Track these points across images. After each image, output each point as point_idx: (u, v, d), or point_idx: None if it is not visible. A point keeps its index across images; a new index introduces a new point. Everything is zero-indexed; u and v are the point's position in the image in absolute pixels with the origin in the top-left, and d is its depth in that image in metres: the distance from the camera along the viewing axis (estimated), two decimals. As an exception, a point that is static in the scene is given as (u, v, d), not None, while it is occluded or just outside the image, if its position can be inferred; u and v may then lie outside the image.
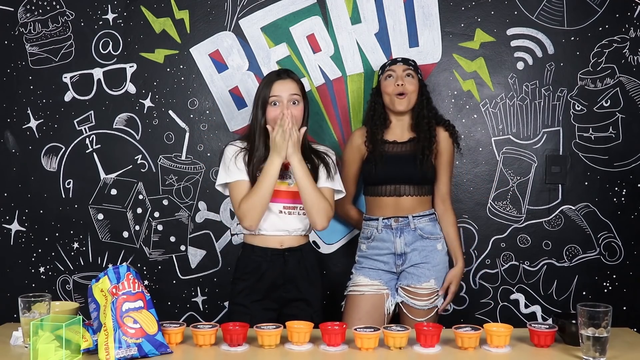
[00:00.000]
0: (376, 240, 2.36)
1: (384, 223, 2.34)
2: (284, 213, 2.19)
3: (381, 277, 2.34)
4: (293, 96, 2.17)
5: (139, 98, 2.72)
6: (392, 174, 2.34)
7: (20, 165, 2.77)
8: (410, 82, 2.35)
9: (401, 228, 2.33)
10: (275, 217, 2.18)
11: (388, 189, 2.35)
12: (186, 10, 2.69)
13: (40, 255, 2.77)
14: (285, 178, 2.20)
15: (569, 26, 2.60)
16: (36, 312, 1.78)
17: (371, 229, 2.37)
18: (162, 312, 1.82)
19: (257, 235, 2.21)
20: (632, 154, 2.61)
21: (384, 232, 2.34)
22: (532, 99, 2.62)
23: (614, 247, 2.62)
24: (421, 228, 2.34)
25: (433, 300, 2.30)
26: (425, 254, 2.32)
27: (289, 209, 2.20)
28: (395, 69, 2.37)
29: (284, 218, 2.19)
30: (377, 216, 2.36)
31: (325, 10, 2.65)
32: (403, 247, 2.32)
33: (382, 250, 2.35)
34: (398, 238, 2.32)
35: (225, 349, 1.78)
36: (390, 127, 2.41)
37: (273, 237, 2.20)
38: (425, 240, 2.33)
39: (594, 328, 1.64)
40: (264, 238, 2.20)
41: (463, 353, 1.75)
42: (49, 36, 2.73)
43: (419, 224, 2.34)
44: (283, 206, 2.19)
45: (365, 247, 2.39)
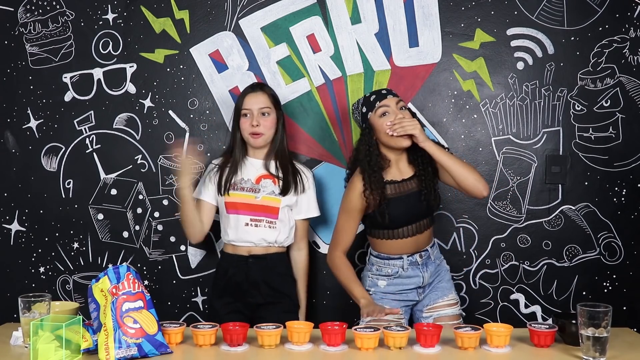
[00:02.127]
0: (402, 277, 2.30)
1: (409, 260, 2.28)
2: (250, 225, 2.34)
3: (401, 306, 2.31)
4: (263, 109, 2.36)
5: (139, 98, 2.72)
6: (410, 216, 2.25)
7: (20, 165, 2.77)
8: (406, 115, 2.19)
9: (425, 262, 2.31)
10: (241, 229, 2.34)
11: (408, 230, 2.26)
12: (186, 10, 2.69)
13: (40, 255, 2.77)
14: (253, 192, 2.36)
15: (569, 26, 2.60)
16: (36, 312, 1.79)
17: (394, 268, 2.29)
18: (162, 312, 1.82)
19: (228, 244, 2.39)
20: (632, 154, 2.61)
21: (411, 269, 2.29)
22: (532, 99, 2.62)
23: (614, 247, 2.62)
24: (436, 256, 2.36)
25: (459, 308, 2.35)
26: (440, 275, 2.36)
27: (255, 222, 2.35)
28: (388, 103, 2.19)
29: (250, 230, 2.34)
30: (398, 254, 2.28)
31: (325, 10, 2.65)
32: (428, 279, 2.32)
33: (408, 285, 2.30)
34: (425, 273, 2.30)
35: (225, 349, 1.78)
36: (389, 165, 2.26)
37: (241, 246, 2.36)
38: (438, 266, 2.36)
39: (594, 328, 1.64)
40: (233, 247, 2.38)
41: (463, 353, 1.75)
42: (49, 36, 2.73)
43: (435, 253, 2.36)
44: (250, 219, 2.34)
45: (386, 284, 2.30)
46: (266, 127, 2.35)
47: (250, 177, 2.38)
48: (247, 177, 2.38)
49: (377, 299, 2.29)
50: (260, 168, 2.39)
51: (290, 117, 2.67)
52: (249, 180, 2.37)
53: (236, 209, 2.35)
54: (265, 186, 2.36)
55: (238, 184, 2.37)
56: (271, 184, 2.37)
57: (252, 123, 2.34)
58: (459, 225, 2.65)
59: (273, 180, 2.37)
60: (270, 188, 2.36)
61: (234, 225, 2.35)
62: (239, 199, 2.35)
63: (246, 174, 2.38)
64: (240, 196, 2.36)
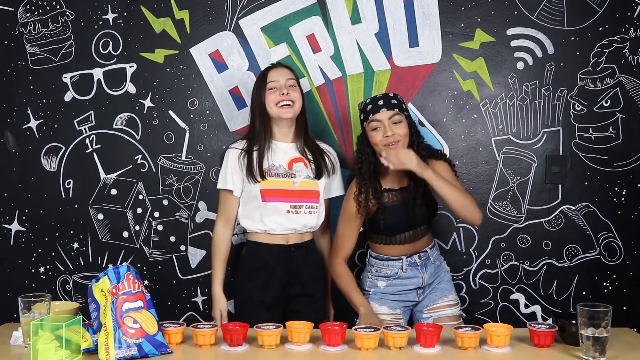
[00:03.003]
0: (401, 278, 2.30)
1: (408, 262, 2.29)
2: (292, 212, 2.23)
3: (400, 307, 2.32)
4: (289, 80, 2.27)
5: (139, 98, 2.72)
6: (406, 224, 2.26)
7: (20, 165, 2.77)
8: (399, 128, 2.18)
9: (424, 263, 2.31)
10: (282, 217, 2.22)
11: (403, 237, 2.28)
12: (186, 10, 2.69)
13: (40, 255, 2.77)
14: (289, 177, 2.24)
15: (569, 26, 2.60)
16: (36, 312, 1.79)
17: (394, 269, 2.30)
18: (162, 312, 1.82)
19: (262, 233, 2.25)
20: (632, 154, 2.61)
21: (409, 270, 2.30)
22: (532, 99, 2.62)
23: (614, 247, 2.62)
24: (436, 257, 2.36)
25: (459, 309, 2.35)
26: (440, 276, 2.36)
27: (296, 208, 2.23)
28: (380, 117, 2.18)
29: (291, 217, 2.23)
30: (397, 256, 2.30)
31: (325, 10, 2.65)
32: (428, 280, 2.32)
33: (408, 286, 2.31)
34: (425, 273, 2.31)
35: (225, 349, 1.78)
36: (388, 172, 2.25)
37: (279, 235, 2.24)
38: (438, 267, 2.36)
39: (594, 328, 1.64)
40: (269, 236, 2.24)
41: (463, 353, 1.75)
42: (49, 36, 2.73)
43: (434, 254, 2.36)
44: (290, 205, 2.23)
45: (385, 285, 2.31)
46: (295, 97, 2.24)
47: (281, 162, 2.25)
48: (278, 163, 2.24)
49: (377, 299, 2.30)
50: (290, 151, 2.27)
51: (290, 117, 2.67)
52: (280, 165, 2.24)
53: (274, 196, 2.21)
54: (300, 170, 2.26)
55: (271, 170, 2.23)
56: (304, 168, 2.26)
57: (282, 92, 2.22)
58: (459, 225, 2.65)
59: (305, 163, 2.27)
60: (305, 172, 2.26)
61: (273, 213, 2.21)
62: (277, 185, 2.21)
63: (276, 160, 2.25)
64: (277, 182, 2.22)
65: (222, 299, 2.27)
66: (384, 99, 2.21)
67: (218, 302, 2.28)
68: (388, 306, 2.31)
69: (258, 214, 2.24)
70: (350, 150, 2.66)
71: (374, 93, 2.62)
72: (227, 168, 2.26)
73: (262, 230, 2.24)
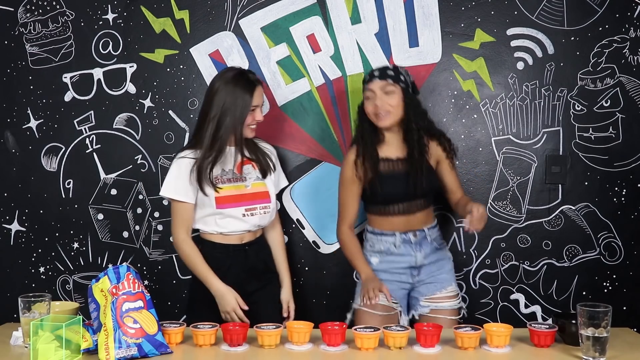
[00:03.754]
0: (393, 255, 2.30)
1: (402, 238, 2.28)
2: (247, 215, 2.26)
3: (395, 293, 2.27)
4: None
5: (139, 98, 2.72)
6: (397, 194, 2.27)
7: (20, 165, 2.77)
8: (390, 99, 2.22)
9: (420, 242, 2.29)
10: (237, 221, 2.25)
11: (398, 207, 2.28)
12: (186, 10, 2.69)
13: (40, 255, 2.77)
14: (240, 181, 2.26)
15: (569, 26, 2.60)
16: (36, 312, 1.79)
17: (387, 244, 2.30)
18: (162, 312, 1.82)
19: (217, 234, 2.27)
20: (632, 154, 2.61)
21: (403, 246, 2.29)
22: (532, 99, 2.62)
23: (614, 247, 2.62)
24: (435, 239, 2.33)
25: (458, 301, 2.33)
26: (441, 263, 2.33)
27: (251, 211, 2.26)
28: (372, 87, 2.23)
29: (247, 219, 2.26)
30: (391, 231, 2.30)
31: (325, 10, 2.65)
32: (422, 260, 2.29)
33: (400, 264, 2.30)
34: (418, 252, 2.29)
35: (225, 349, 1.78)
36: (385, 141, 2.30)
37: (234, 235, 2.27)
38: (439, 251, 2.34)
39: (593, 328, 1.64)
40: (224, 236, 2.27)
41: (463, 353, 1.75)
42: (49, 36, 2.73)
43: (433, 235, 2.33)
44: (245, 209, 2.25)
45: (379, 261, 2.31)
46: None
47: (230, 167, 2.26)
48: (227, 168, 2.25)
49: None
50: (236, 155, 2.27)
51: (290, 117, 2.67)
52: (230, 170, 2.26)
53: (229, 202, 2.23)
54: (249, 172, 2.29)
55: (222, 176, 2.24)
56: (252, 169, 2.30)
57: (257, 118, 2.24)
58: (459, 225, 2.65)
59: (252, 164, 2.30)
60: (254, 173, 2.29)
61: (228, 218, 2.24)
62: (231, 191, 2.24)
63: (225, 165, 2.25)
64: (230, 188, 2.24)
65: (229, 290, 2.21)
66: (380, 70, 2.26)
67: (227, 293, 2.20)
68: None
69: (212, 219, 2.25)
70: (350, 150, 2.66)
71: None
72: (180, 177, 2.21)
73: (217, 232, 2.26)
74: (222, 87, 2.20)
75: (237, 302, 2.19)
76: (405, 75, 2.30)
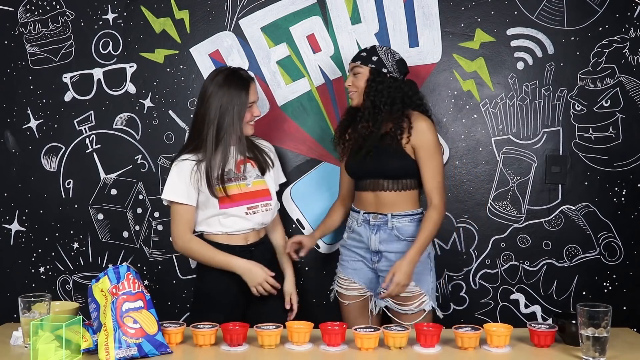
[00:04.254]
0: (354, 233, 2.34)
1: (363, 217, 2.31)
2: (250, 213, 2.25)
3: (361, 277, 2.33)
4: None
5: (139, 98, 2.72)
6: (365, 169, 2.28)
7: (20, 165, 2.77)
8: (357, 80, 2.28)
9: (378, 225, 2.27)
10: (241, 220, 2.24)
11: (367, 183, 2.30)
12: (186, 10, 2.69)
13: (40, 255, 2.77)
14: (241, 180, 2.25)
15: (569, 26, 2.60)
16: (36, 312, 1.79)
17: (352, 220, 2.36)
18: (162, 312, 1.82)
19: (221, 235, 2.26)
20: (632, 154, 2.61)
21: (362, 226, 2.31)
22: (532, 99, 2.62)
23: (614, 247, 2.62)
24: (399, 228, 2.25)
25: (419, 303, 2.22)
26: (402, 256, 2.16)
27: (253, 209, 2.26)
28: (348, 68, 2.37)
29: (250, 218, 2.25)
30: (359, 209, 2.34)
31: (325, 10, 2.65)
32: (377, 245, 2.27)
33: (359, 243, 2.33)
34: (373, 235, 2.27)
35: (225, 349, 1.78)
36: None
37: (238, 235, 2.26)
38: (403, 242, 2.24)
39: (593, 328, 1.64)
40: (228, 237, 2.26)
41: (463, 353, 1.75)
42: (49, 36, 2.73)
43: (398, 224, 2.25)
44: (247, 207, 2.25)
45: (347, 237, 2.39)
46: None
47: (230, 166, 2.24)
48: (227, 168, 2.23)
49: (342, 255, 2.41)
50: (237, 154, 2.25)
51: (290, 117, 2.67)
52: (230, 170, 2.24)
53: (231, 202, 2.22)
54: (249, 171, 2.27)
55: (224, 176, 2.22)
56: (251, 168, 2.29)
57: (254, 114, 2.25)
58: (459, 225, 2.65)
59: (250, 163, 2.29)
60: (254, 172, 2.28)
61: (230, 218, 2.23)
62: (232, 190, 2.22)
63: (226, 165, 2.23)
64: (232, 188, 2.22)
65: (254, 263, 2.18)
66: (361, 51, 2.34)
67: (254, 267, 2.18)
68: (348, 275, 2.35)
69: (216, 219, 2.24)
70: (350, 150, 2.66)
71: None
72: (181, 180, 2.20)
73: (222, 232, 2.25)
74: (216, 89, 2.19)
75: (265, 273, 2.19)
76: (384, 55, 2.29)
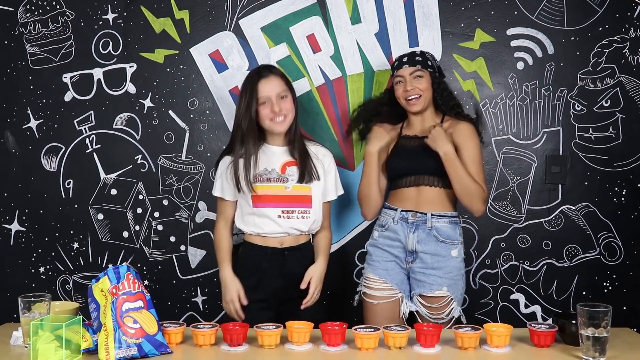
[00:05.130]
0: (389, 231, 2.28)
1: (401, 215, 2.27)
2: (283, 217, 2.19)
3: (393, 278, 2.27)
4: (280, 93, 2.20)
5: (139, 98, 2.72)
6: (410, 165, 2.27)
7: (20, 165, 2.77)
8: (420, 83, 2.27)
9: (417, 224, 2.24)
10: (273, 222, 2.19)
11: (408, 180, 2.28)
12: (186, 10, 2.69)
13: (40, 255, 2.77)
14: (281, 181, 2.21)
15: (569, 26, 2.60)
16: (36, 312, 1.78)
17: (387, 218, 2.31)
18: (162, 312, 1.82)
19: (256, 235, 2.22)
20: (632, 154, 2.61)
21: (400, 224, 2.26)
22: (532, 99, 2.62)
23: (614, 247, 2.62)
24: (438, 229, 2.23)
25: (449, 312, 2.21)
26: (438, 259, 2.21)
27: (288, 213, 2.20)
28: (402, 73, 2.29)
29: (282, 222, 2.19)
30: (395, 206, 2.30)
31: (325, 10, 2.65)
32: (415, 245, 2.24)
33: (394, 242, 2.27)
34: (412, 233, 2.24)
35: (225, 349, 1.78)
36: (411, 122, 2.36)
37: (273, 238, 2.21)
38: (440, 244, 2.23)
39: (593, 328, 1.64)
40: (263, 238, 2.22)
41: (463, 353, 1.75)
42: (49, 36, 2.73)
43: (437, 224, 2.24)
44: (281, 211, 2.19)
45: (378, 235, 2.32)
46: (287, 109, 2.20)
47: (274, 166, 2.21)
48: (270, 167, 2.21)
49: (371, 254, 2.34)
50: (283, 155, 2.23)
51: (290, 117, 2.67)
52: (273, 170, 2.20)
53: (264, 202, 2.18)
54: (292, 174, 2.21)
55: (263, 175, 2.19)
56: (295, 171, 2.22)
57: (274, 109, 2.17)
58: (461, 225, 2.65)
59: (296, 166, 2.23)
60: (296, 176, 2.21)
61: (263, 218, 2.19)
62: (268, 190, 2.18)
63: (269, 164, 2.21)
64: (269, 188, 2.19)
65: (234, 280, 2.19)
66: (409, 56, 2.32)
67: (231, 284, 2.18)
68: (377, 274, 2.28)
69: (251, 218, 2.21)
70: (351, 150, 2.66)
71: (374, 93, 2.62)
72: (219, 176, 2.25)
73: (256, 233, 2.22)
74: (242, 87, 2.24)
75: (237, 295, 2.17)
76: (432, 60, 2.35)
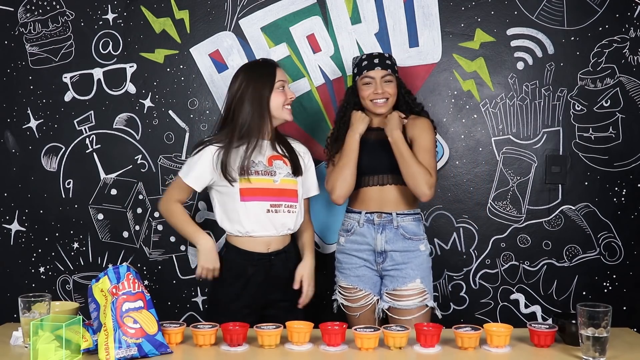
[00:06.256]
0: (356, 235, 2.28)
1: (366, 217, 2.26)
2: (271, 212, 2.18)
3: (366, 283, 2.27)
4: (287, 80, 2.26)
5: (139, 98, 2.72)
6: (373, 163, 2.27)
7: (20, 165, 2.77)
8: (389, 87, 2.28)
9: (383, 224, 2.25)
10: (262, 217, 2.17)
11: (372, 179, 2.27)
12: (186, 10, 2.69)
13: (40, 255, 2.77)
14: (270, 175, 2.20)
15: (569, 26, 2.60)
16: (36, 312, 1.78)
17: (352, 222, 2.30)
18: (162, 312, 1.82)
19: (244, 237, 2.19)
20: (632, 154, 2.61)
21: (365, 226, 2.27)
22: (532, 99, 2.62)
23: (614, 247, 2.62)
24: (404, 227, 2.25)
25: (422, 299, 2.22)
26: (408, 254, 2.24)
27: (275, 207, 2.19)
28: (374, 75, 2.27)
29: (271, 217, 2.18)
30: (359, 209, 2.29)
31: (325, 10, 2.65)
32: (383, 245, 2.24)
33: (362, 245, 2.27)
34: (379, 234, 2.25)
35: (225, 349, 1.78)
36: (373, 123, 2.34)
37: (260, 238, 2.19)
38: (408, 241, 2.25)
39: (593, 328, 1.64)
40: (250, 239, 2.19)
41: (463, 353, 1.75)
42: (49, 36, 2.73)
43: (402, 223, 2.25)
44: (270, 204, 2.18)
45: (344, 241, 2.32)
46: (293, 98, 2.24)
47: (261, 159, 2.19)
48: (257, 160, 2.18)
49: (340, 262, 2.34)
50: (268, 148, 2.21)
51: (290, 117, 2.67)
52: (260, 162, 2.18)
53: (254, 195, 2.15)
54: (280, 167, 2.20)
55: (251, 167, 2.16)
56: (283, 165, 2.21)
57: (289, 95, 2.20)
58: (459, 225, 2.65)
59: (283, 160, 2.22)
60: (285, 169, 2.21)
61: (252, 213, 2.15)
62: (257, 183, 2.15)
63: (255, 157, 2.17)
64: (258, 181, 2.16)
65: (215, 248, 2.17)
66: (380, 58, 2.29)
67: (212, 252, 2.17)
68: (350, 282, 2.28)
69: (236, 215, 2.17)
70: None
71: (374, 93, 2.62)
72: (198, 163, 2.17)
73: (242, 233, 2.18)
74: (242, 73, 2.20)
75: (216, 265, 2.17)
76: (395, 63, 2.37)
